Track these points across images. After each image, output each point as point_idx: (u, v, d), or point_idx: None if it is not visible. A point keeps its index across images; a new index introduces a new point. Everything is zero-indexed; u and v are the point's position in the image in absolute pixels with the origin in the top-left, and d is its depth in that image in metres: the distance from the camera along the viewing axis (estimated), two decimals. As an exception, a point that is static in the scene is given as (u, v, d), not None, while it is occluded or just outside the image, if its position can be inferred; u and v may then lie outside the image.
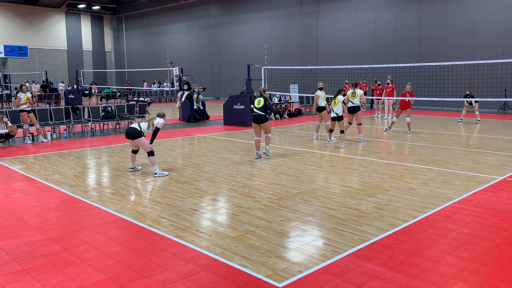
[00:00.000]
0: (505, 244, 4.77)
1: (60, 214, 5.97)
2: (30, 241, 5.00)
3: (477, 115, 16.68)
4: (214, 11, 34.35)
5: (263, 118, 9.62)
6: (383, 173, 8.24)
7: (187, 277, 4.05)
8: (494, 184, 7.38)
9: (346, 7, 26.15)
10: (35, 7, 39.22)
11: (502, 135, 13.17)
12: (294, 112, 20.21)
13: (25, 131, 12.69)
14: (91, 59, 43.71)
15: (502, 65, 19.07)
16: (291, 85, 24.72)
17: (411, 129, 14.01)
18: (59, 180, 7.97)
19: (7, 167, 9.19)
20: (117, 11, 44.49)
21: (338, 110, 11.49)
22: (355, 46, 25.93)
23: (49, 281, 4.00)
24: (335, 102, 11.50)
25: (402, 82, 21.91)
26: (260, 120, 9.64)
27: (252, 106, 10.07)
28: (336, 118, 11.56)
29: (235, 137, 13.40)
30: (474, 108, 16.66)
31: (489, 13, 20.88)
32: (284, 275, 4.08)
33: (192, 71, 31.01)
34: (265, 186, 7.41)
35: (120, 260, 4.45)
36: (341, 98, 11.54)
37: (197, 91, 18.65)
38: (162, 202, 6.49)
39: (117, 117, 15.24)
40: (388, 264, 4.29)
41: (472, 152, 10.40)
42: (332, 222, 5.52)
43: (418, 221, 5.54)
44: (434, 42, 22.70)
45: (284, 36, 29.60)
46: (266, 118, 9.66)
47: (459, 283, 3.90)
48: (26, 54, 38.95)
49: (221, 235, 5.12)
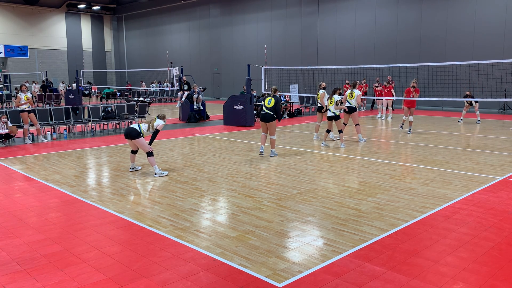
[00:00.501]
0: (505, 244, 4.77)
1: (60, 214, 5.97)
2: (30, 241, 5.00)
3: (477, 115, 16.68)
4: (214, 11, 34.35)
5: (271, 118, 9.83)
6: (383, 173, 8.24)
7: (187, 277, 4.05)
8: (494, 184, 7.38)
9: (346, 7, 26.15)
10: (35, 7, 39.22)
11: (502, 135, 13.17)
12: (294, 112, 20.22)
13: (25, 131, 12.70)
14: (91, 59, 43.71)
15: (502, 65, 19.07)
16: (291, 85, 24.72)
17: (411, 129, 13.95)
18: (59, 180, 7.97)
19: (7, 167, 9.19)
20: (117, 11, 44.49)
21: (336, 110, 11.41)
22: (355, 46, 25.94)
23: (49, 281, 4.00)
24: (332, 101, 11.44)
25: (402, 82, 21.93)
26: (268, 119, 9.86)
27: (262, 103, 10.20)
28: (333, 117, 11.44)
29: (235, 137, 13.40)
30: (474, 108, 16.64)
31: (489, 13, 20.88)
32: (284, 275, 4.08)
33: (192, 71, 31.01)
34: (265, 186, 7.41)
35: (120, 260, 4.45)
36: (337, 98, 11.47)
37: (197, 91, 18.65)
38: (162, 202, 6.49)
39: (117, 117, 15.24)
40: (388, 264, 4.29)
41: (472, 152, 10.40)
42: (332, 222, 5.52)
43: (418, 221, 5.54)
44: (434, 42, 22.70)
45: (284, 36, 29.61)
46: (274, 117, 9.84)
47: (459, 283, 3.90)
48: (26, 54, 38.95)
49: (221, 235, 5.12)
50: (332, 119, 11.47)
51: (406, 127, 14.09)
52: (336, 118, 11.42)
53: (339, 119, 11.46)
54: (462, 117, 16.90)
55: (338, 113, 11.42)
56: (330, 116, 11.49)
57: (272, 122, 9.86)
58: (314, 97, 21.26)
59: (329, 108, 11.54)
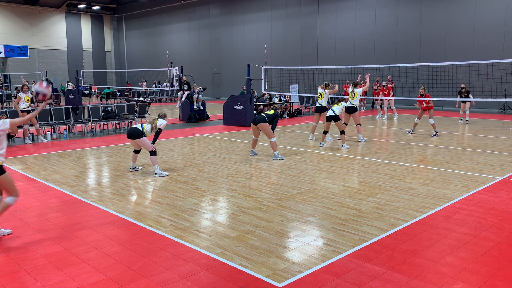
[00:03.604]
0: (505, 244, 4.77)
1: (60, 214, 5.97)
2: (30, 241, 5.00)
3: (467, 114, 16.29)
4: (214, 11, 34.35)
5: (260, 119, 9.53)
6: (383, 173, 8.24)
7: (187, 277, 4.05)
8: (494, 184, 7.38)
9: (346, 7, 26.14)
10: (35, 7, 39.21)
11: (502, 135, 13.17)
12: (294, 112, 20.23)
13: (25, 131, 12.70)
14: (91, 59, 43.69)
15: (502, 65, 19.06)
16: (291, 85, 24.71)
17: (414, 130, 13.74)
18: (59, 180, 7.97)
19: (7, 167, 9.19)
20: (117, 11, 44.48)
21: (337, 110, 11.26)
22: (355, 46, 25.93)
23: (49, 281, 4.00)
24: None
25: (402, 82, 21.94)
26: (257, 121, 9.56)
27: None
28: (332, 117, 11.15)
29: (235, 137, 13.40)
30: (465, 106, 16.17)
31: (489, 13, 20.87)
32: (284, 275, 4.08)
33: (192, 71, 31.00)
34: (265, 186, 7.41)
35: (120, 260, 4.45)
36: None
37: (197, 91, 18.65)
38: (162, 202, 6.49)
39: (117, 117, 15.24)
40: (388, 264, 4.29)
41: (472, 152, 10.40)
42: (332, 222, 5.52)
43: (418, 221, 5.54)
44: (434, 42, 22.70)
45: (284, 36, 29.60)
46: (264, 119, 9.51)
47: (459, 283, 3.90)
48: (26, 54, 38.94)
49: (221, 235, 5.12)
50: (331, 119, 11.19)
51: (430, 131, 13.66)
52: (335, 119, 11.14)
53: (338, 120, 11.15)
54: (461, 117, 16.77)
55: (338, 114, 11.18)
56: (329, 116, 11.24)
57: (263, 124, 9.47)
58: (314, 97, 21.25)
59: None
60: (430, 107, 13.21)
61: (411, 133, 13.64)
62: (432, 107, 13.27)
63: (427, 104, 13.15)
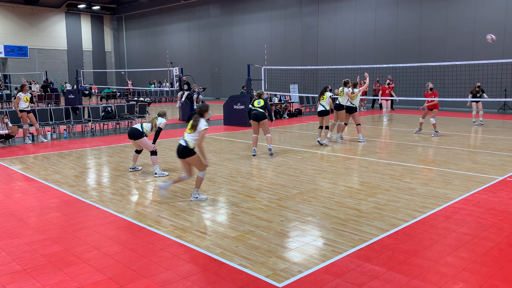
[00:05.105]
0: (505, 244, 4.77)
1: (60, 214, 5.97)
2: (30, 241, 5.00)
3: (480, 114, 15.69)
4: (214, 11, 34.34)
5: (263, 116, 9.96)
6: (383, 173, 8.24)
7: (187, 277, 4.05)
8: (494, 184, 7.38)
9: (346, 7, 26.14)
10: (35, 7, 39.20)
11: (502, 135, 13.17)
12: (294, 112, 20.22)
13: (25, 131, 12.69)
14: (91, 59, 43.69)
15: (502, 65, 19.05)
16: (291, 85, 24.71)
17: (421, 129, 13.69)
18: (59, 180, 7.97)
19: (7, 167, 9.18)
20: (117, 11, 44.47)
21: (327, 105, 11.44)
22: (355, 46, 25.93)
23: (49, 281, 4.00)
24: (323, 97, 11.47)
25: (402, 82, 21.93)
26: (260, 117, 9.94)
27: (250, 107, 10.18)
28: (323, 112, 11.40)
29: (235, 137, 13.40)
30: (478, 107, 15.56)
31: (489, 13, 20.87)
32: (284, 275, 4.08)
33: (192, 71, 30.99)
34: (265, 186, 7.41)
35: (120, 260, 4.45)
36: (329, 94, 11.52)
37: (197, 91, 18.65)
38: (162, 202, 6.49)
39: (117, 117, 15.24)
40: (388, 264, 4.29)
41: (472, 152, 10.40)
42: (332, 222, 5.52)
43: (418, 221, 5.54)
44: (434, 42, 22.69)
45: (284, 36, 29.60)
46: (266, 116, 9.98)
47: (459, 283, 3.90)
48: (26, 54, 38.93)
49: (221, 235, 5.12)
50: (323, 114, 11.43)
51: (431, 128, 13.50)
52: (325, 114, 11.39)
53: (328, 114, 11.45)
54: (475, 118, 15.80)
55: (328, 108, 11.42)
56: (320, 111, 11.44)
57: (265, 121, 9.96)
58: (314, 97, 21.24)
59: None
60: (436, 106, 13.23)
61: (419, 132, 13.69)
62: (438, 106, 13.28)
63: (433, 103, 13.10)
